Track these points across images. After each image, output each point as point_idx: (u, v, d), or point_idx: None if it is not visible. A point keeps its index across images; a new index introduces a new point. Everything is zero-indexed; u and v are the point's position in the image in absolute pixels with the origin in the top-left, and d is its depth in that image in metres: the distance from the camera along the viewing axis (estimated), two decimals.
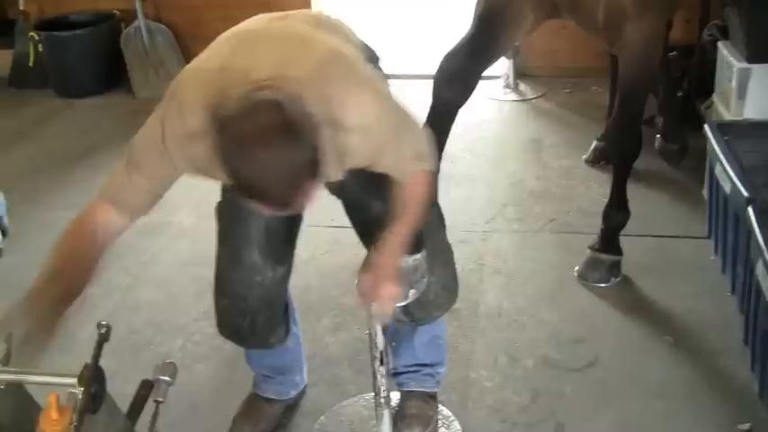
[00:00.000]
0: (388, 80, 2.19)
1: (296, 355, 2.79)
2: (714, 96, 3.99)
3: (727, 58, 3.74)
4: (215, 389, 2.96)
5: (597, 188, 4.01)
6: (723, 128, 3.37)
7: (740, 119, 3.58)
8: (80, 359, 1.70)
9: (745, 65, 3.60)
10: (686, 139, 4.22)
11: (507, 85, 5.33)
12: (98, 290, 3.53)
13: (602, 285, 3.36)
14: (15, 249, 3.88)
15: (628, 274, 3.41)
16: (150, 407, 1.93)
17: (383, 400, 2.47)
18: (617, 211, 3.37)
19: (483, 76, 3.34)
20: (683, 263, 3.47)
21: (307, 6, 5.57)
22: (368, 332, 2.40)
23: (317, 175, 1.77)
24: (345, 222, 2.46)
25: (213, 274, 2.45)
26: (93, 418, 1.67)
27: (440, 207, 2.47)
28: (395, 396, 2.68)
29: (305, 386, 2.89)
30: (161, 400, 1.91)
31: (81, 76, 5.76)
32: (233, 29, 2.19)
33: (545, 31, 3.49)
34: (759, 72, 3.57)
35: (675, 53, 4.48)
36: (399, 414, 2.66)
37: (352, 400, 2.86)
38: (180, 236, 3.95)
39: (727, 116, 3.71)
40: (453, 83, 3.26)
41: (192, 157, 1.92)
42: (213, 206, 4.14)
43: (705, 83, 4.22)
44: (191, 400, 2.87)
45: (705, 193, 3.60)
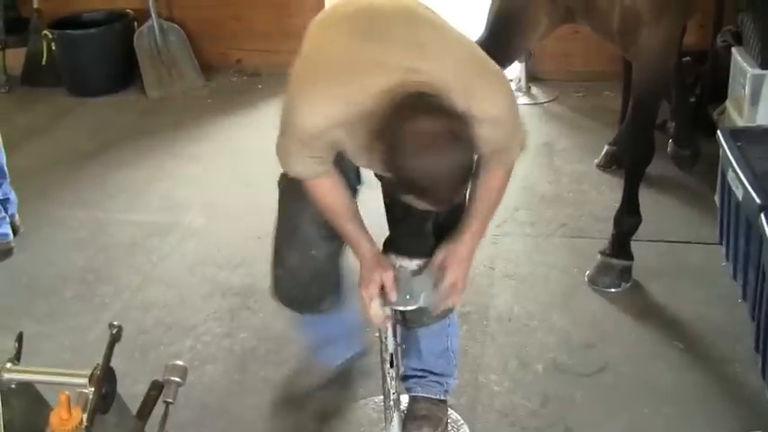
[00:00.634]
0: None
1: (349, 322, 2.75)
2: (727, 102, 3.98)
3: (741, 64, 3.72)
4: (224, 390, 2.96)
5: (609, 193, 4.00)
6: (736, 134, 3.35)
7: (753, 125, 3.57)
8: (90, 359, 1.70)
9: (758, 71, 3.59)
10: (698, 145, 4.21)
11: (519, 89, 5.32)
12: (108, 289, 3.55)
13: (612, 290, 3.35)
14: (27, 246, 3.89)
15: (639, 280, 3.40)
16: (160, 408, 1.93)
17: (392, 402, 2.47)
18: (628, 216, 3.36)
19: None
20: (694, 269, 3.46)
21: (320, 6, 5.58)
22: (378, 334, 2.40)
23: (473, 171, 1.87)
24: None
25: (271, 244, 2.56)
26: (104, 419, 1.67)
27: None
28: (404, 399, 2.68)
29: (360, 351, 2.90)
30: (171, 401, 1.91)
31: (94, 74, 5.77)
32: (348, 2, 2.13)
33: (557, 35, 3.48)
34: None
35: (689, 58, 4.46)
36: (409, 415, 2.65)
37: (361, 402, 2.86)
38: (190, 236, 3.95)
39: (740, 122, 3.70)
40: None
41: (332, 146, 2.02)
42: (223, 206, 4.19)
43: (718, 89, 4.20)
44: (200, 400, 2.87)
45: (717, 198, 3.57)
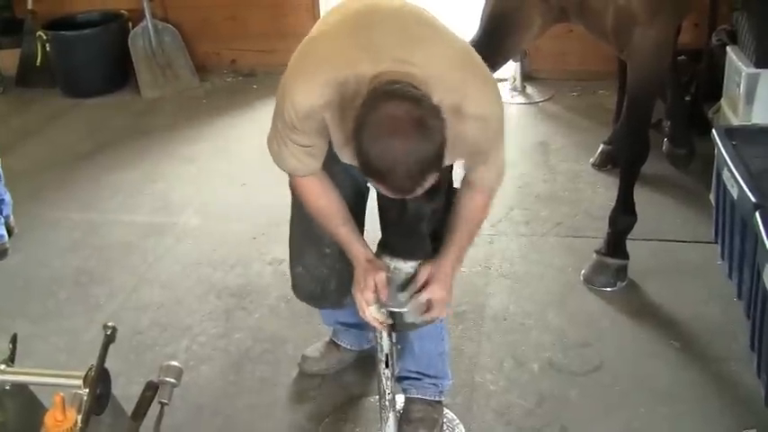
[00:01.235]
0: None
1: None
2: (722, 101, 3.98)
3: (736, 63, 3.73)
4: (220, 390, 2.95)
5: (604, 192, 4.00)
6: (731, 132, 3.35)
7: (748, 124, 3.57)
8: (85, 360, 1.70)
9: (753, 70, 3.59)
10: (693, 144, 4.22)
11: (514, 88, 5.32)
12: (102, 291, 3.55)
13: (608, 289, 3.35)
14: (22, 247, 3.89)
15: (634, 279, 3.39)
16: (155, 408, 1.92)
17: (388, 402, 2.47)
18: (624, 215, 3.36)
19: None
20: (689, 267, 3.46)
21: (314, 6, 5.58)
22: (374, 335, 2.39)
23: (439, 168, 1.86)
24: None
25: (287, 241, 2.59)
26: (99, 420, 1.67)
27: None
28: (400, 399, 2.68)
29: None
30: (166, 401, 1.91)
31: (88, 75, 5.76)
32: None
33: (553, 34, 3.48)
34: (767, 77, 3.56)
35: (684, 57, 4.47)
36: (404, 418, 2.65)
37: (357, 402, 2.86)
38: (185, 237, 3.94)
39: (735, 121, 3.70)
40: None
41: (320, 132, 2.05)
42: (218, 207, 4.19)
43: (713, 87, 4.21)
44: (195, 401, 2.87)
45: (712, 197, 3.58)
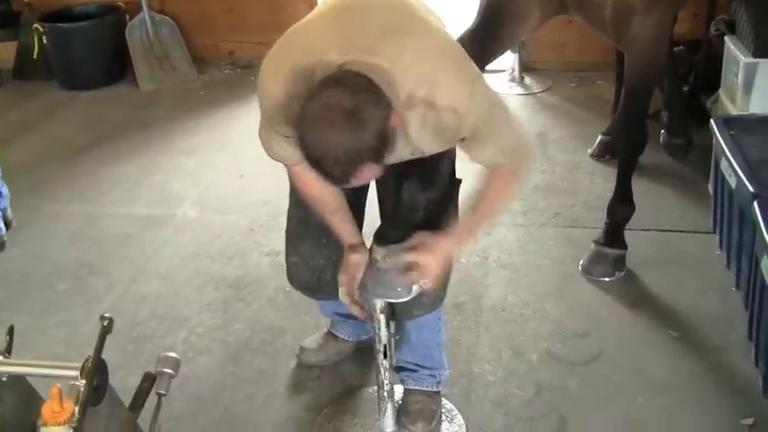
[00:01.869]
0: None
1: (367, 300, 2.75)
2: (720, 91, 3.98)
3: (734, 53, 3.72)
4: (218, 381, 2.96)
5: (602, 182, 4.00)
6: (729, 122, 3.35)
7: (746, 113, 3.56)
8: (83, 352, 1.70)
9: (751, 59, 3.58)
10: (691, 134, 4.21)
11: (512, 79, 5.32)
12: (101, 283, 3.55)
13: (606, 280, 3.35)
14: (19, 241, 3.88)
15: (632, 269, 3.39)
16: (152, 399, 1.92)
17: (386, 393, 2.47)
18: (622, 206, 3.36)
19: (487, 69, 3.32)
20: (687, 257, 3.46)
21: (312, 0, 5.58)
22: (372, 326, 2.40)
23: (377, 160, 1.85)
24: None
25: (284, 231, 2.58)
26: (96, 410, 1.66)
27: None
28: (398, 389, 2.68)
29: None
30: (164, 392, 1.91)
31: (85, 68, 5.74)
32: None
33: (551, 25, 3.47)
34: (766, 67, 3.55)
35: (682, 47, 4.46)
36: (403, 409, 2.66)
37: (355, 393, 2.86)
38: (183, 228, 3.94)
39: (734, 111, 3.70)
40: None
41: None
42: (216, 198, 4.19)
43: (711, 77, 4.20)
44: (194, 392, 2.87)
45: (710, 187, 3.58)
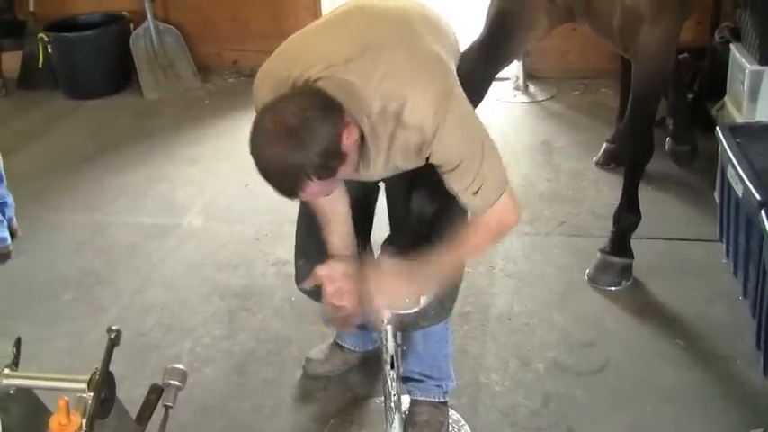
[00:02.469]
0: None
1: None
2: (726, 98, 3.97)
3: (740, 61, 3.72)
4: (224, 391, 2.95)
5: (608, 191, 3.99)
6: (735, 130, 3.34)
7: (752, 121, 3.56)
8: (89, 362, 1.69)
9: (757, 67, 3.59)
10: (696, 141, 4.21)
11: (517, 87, 5.32)
12: (106, 292, 3.54)
13: (613, 289, 3.34)
14: (24, 250, 3.88)
15: (639, 278, 3.39)
16: (159, 411, 1.92)
17: (393, 404, 2.46)
18: (628, 214, 3.35)
19: (496, 78, 3.32)
20: (694, 266, 3.45)
21: (316, 6, 5.58)
22: (379, 336, 2.39)
23: (322, 177, 1.86)
24: None
25: (293, 237, 2.59)
26: (103, 423, 1.65)
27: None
28: (405, 400, 2.67)
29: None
30: (170, 405, 1.90)
31: (90, 77, 5.76)
32: None
33: (555, 33, 3.46)
34: None
35: (686, 55, 4.46)
36: (410, 420, 2.65)
37: (362, 403, 2.85)
38: (189, 238, 3.94)
39: (739, 118, 3.69)
40: (465, 86, 3.23)
41: None
42: (221, 208, 4.19)
43: (717, 85, 4.19)
44: (200, 402, 2.86)
45: (716, 195, 3.57)
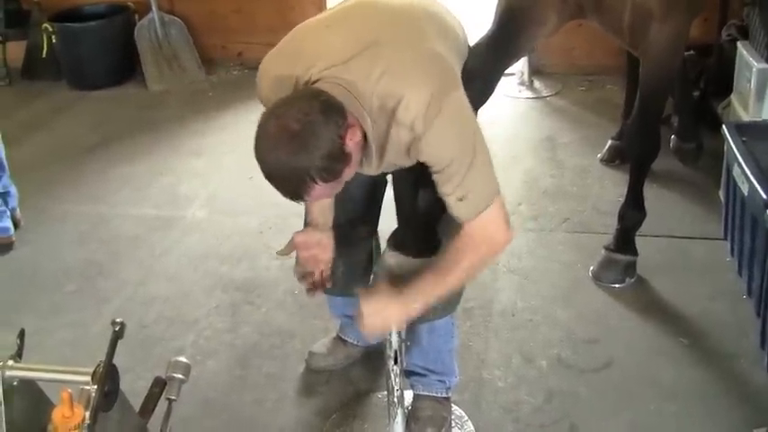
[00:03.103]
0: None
1: None
2: (732, 97, 3.96)
3: (747, 59, 3.70)
4: (226, 385, 2.95)
5: (612, 187, 3.98)
6: (741, 128, 3.32)
7: (759, 120, 3.54)
8: (91, 354, 1.69)
9: (764, 65, 3.56)
10: (701, 139, 4.19)
11: (522, 83, 5.30)
12: (109, 284, 3.54)
13: (616, 286, 3.33)
14: (28, 241, 3.88)
15: (643, 275, 3.38)
16: (162, 404, 1.92)
17: (396, 399, 2.46)
18: (633, 211, 3.34)
19: (505, 73, 3.30)
20: (698, 264, 3.44)
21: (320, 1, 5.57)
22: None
23: (327, 179, 1.87)
24: None
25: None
26: (107, 416, 1.65)
27: None
28: (408, 395, 2.67)
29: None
30: (174, 398, 1.90)
31: (94, 68, 5.74)
32: None
33: (561, 29, 3.45)
34: None
35: (693, 52, 4.44)
36: (413, 415, 2.65)
37: (364, 398, 2.85)
38: (192, 230, 3.94)
39: (746, 117, 3.68)
40: (474, 82, 3.20)
41: None
42: (225, 200, 4.19)
43: (723, 83, 4.18)
44: (202, 395, 2.86)
45: (722, 194, 3.57)
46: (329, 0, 5.54)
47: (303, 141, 1.81)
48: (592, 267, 3.42)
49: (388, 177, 2.45)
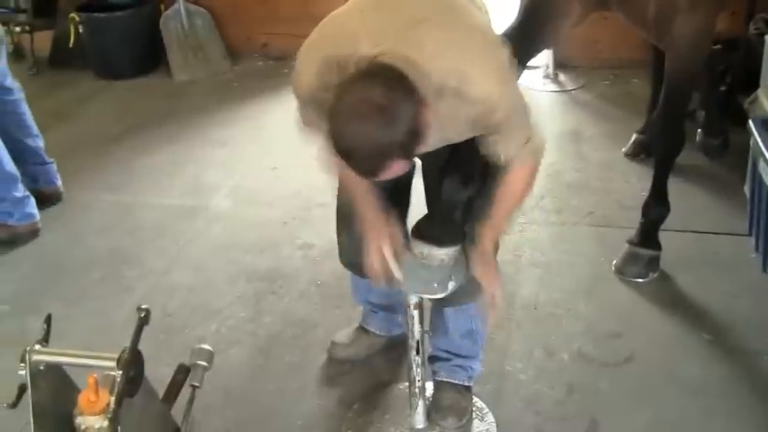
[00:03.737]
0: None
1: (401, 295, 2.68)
2: (759, 91, 3.92)
3: None
4: (248, 374, 2.96)
5: (636, 182, 3.96)
6: (767, 124, 3.31)
7: None
8: (115, 341, 1.71)
9: None
10: (727, 134, 4.17)
11: (547, 76, 5.28)
12: (133, 272, 3.57)
13: (639, 280, 3.32)
14: (53, 229, 3.91)
15: (666, 270, 3.36)
16: (185, 391, 1.93)
17: (417, 389, 2.47)
18: (657, 206, 3.33)
19: (528, 66, 3.30)
20: (722, 260, 3.42)
21: None
22: (405, 321, 2.39)
23: (406, 156, 1.86)
24: None
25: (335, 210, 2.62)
26: (131, 401, 1.67)
27: None
28: (429, 386, 2.67)
29: None
30: (197, 385, 1.92)
31: (120, 57, 5.78)
32: None
33: (585, 22, 3.43)
34: None
35: (719, 46, 4.40)
36: (434, 405, 2.65)
37: (386, 388, 2.85)
38: (216, 220, 3.96)
39: None
40: None
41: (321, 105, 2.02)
42: (248, 190, 4.20)
43: (750, 77, 4.14)
44: (224, 384, 2.87)
45: (747, 189, 3.54)
46: None
47: (391, 116, 1.78)
48: (615, 261, 3.41)
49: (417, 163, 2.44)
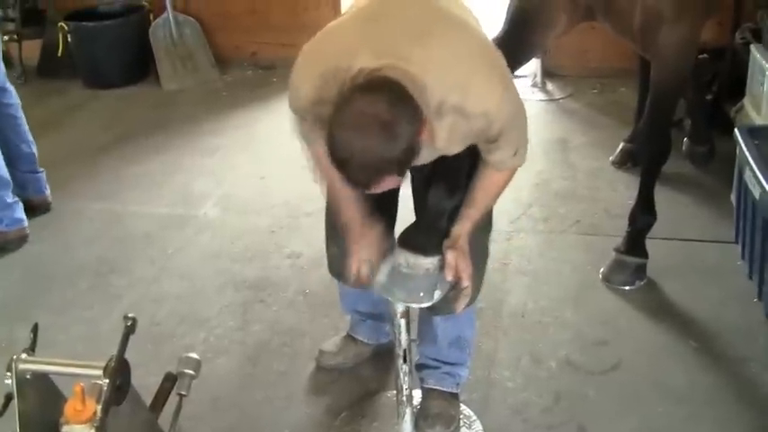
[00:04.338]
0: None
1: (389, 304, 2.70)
2: (745, 100, 3.95)
3: (760, 62, 3.70)
4: (236, 382, 2.96)
5: (623, 190, 3.98)
6: (754, 132, 3.32)
7: None
8: (103, 350, 1.71)
9: None
10: (713, 142, 4.19)
11: (535, 85, 5.30)
12: (122, 281, 3.56)
13: (626, 288, 3.33)
14: (42, 237, 3.91)
15: (653, 278, 3.38)
16: (172, 400, 1.93)
17: (405, 397, 2.47)
18: (643, 214, 3.34)
19: (515, 75, 3.31)
20: (709, 267, 3.44)
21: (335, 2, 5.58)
22: (392, 329, 2.40)
23: (400, 172, 1.88)
24: None
25: (324, 223, 2.64)
26: (118, 410, 1.67)
27: (492, 211, 2.47)
28: (417, 394, 2.68)
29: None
30: (184, 393, 1.92)
31: (109, 67, 5.78)
32: None
33: (574, 31, 3.45)
34: None
35: (706, 55, 4.43)
36: (422, 413, 2.66)
37: (374, 397, 2.86)
38: (204, 229, 3.96)
39: (758, 120, 3.67)
40: None
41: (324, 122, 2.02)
42: (237, 199, 4.20)
43: (736, 86, 4.17)
44: (212, 393, 2.87)
45: (733, 197, 3.56)
46: (344, 2, 5.54)
47: (393, 133, 1.79)
48: (602, 269, 3.42)
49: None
